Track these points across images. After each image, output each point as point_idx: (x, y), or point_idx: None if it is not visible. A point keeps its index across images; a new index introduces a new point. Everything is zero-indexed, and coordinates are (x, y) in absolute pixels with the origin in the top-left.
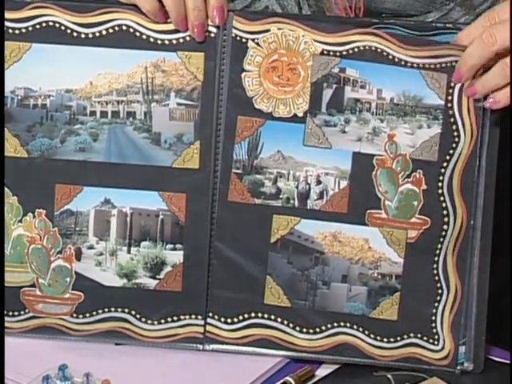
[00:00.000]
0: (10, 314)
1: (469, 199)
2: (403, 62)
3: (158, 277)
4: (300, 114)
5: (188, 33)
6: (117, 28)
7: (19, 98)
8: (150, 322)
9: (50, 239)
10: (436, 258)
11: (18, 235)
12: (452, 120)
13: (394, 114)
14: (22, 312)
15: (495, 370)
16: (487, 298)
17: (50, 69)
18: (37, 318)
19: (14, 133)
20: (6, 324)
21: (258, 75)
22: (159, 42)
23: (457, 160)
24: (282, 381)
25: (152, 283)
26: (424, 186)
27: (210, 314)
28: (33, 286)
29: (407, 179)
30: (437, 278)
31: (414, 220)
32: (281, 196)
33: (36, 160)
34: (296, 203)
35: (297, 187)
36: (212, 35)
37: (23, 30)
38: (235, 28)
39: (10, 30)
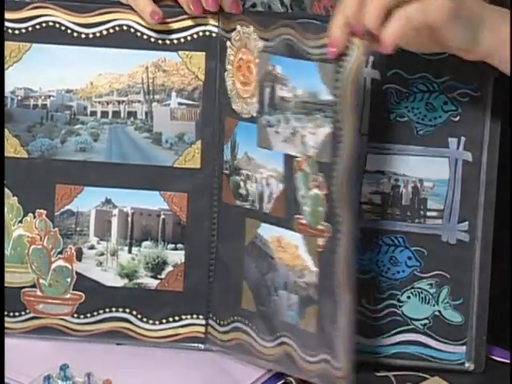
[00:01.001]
0: (11, 314)
1: (354, 209)
2: (305, 54)
3: (159, 277)
4: (254, 115)
5: (189, 32)
6: (117, 28)
7: (19, 98)
8: (151, 321)
9: (50, 239)
10: (335, 270)
11: (19, 235)
12: (339, 117)
13: (303, 112)
14: (23, 312)
15: (496, 370)
16: (488, 297)
17: (50, 69)
18: (37, 318)
19: (14, 133)
20: (7, 325)
21: (233, 74)
22: (160, 41)
23: (344, 163)
24: (282, 381)
25: (153, 283)
26: (325, 191)
27: (211, 315)
28: (33, 286)
29: (314, 183)
30: (337, 290)
31: (320, 227)
32: (249, 198)
33: (36, 160)
34: (257, 206)
35: (256, 189)
36: (213, 35)
37: (23, 31)
38: (220, 27)
39: (10, 30)
